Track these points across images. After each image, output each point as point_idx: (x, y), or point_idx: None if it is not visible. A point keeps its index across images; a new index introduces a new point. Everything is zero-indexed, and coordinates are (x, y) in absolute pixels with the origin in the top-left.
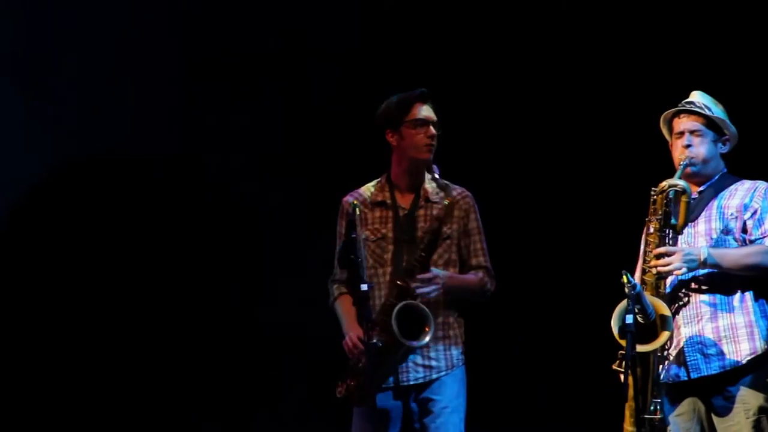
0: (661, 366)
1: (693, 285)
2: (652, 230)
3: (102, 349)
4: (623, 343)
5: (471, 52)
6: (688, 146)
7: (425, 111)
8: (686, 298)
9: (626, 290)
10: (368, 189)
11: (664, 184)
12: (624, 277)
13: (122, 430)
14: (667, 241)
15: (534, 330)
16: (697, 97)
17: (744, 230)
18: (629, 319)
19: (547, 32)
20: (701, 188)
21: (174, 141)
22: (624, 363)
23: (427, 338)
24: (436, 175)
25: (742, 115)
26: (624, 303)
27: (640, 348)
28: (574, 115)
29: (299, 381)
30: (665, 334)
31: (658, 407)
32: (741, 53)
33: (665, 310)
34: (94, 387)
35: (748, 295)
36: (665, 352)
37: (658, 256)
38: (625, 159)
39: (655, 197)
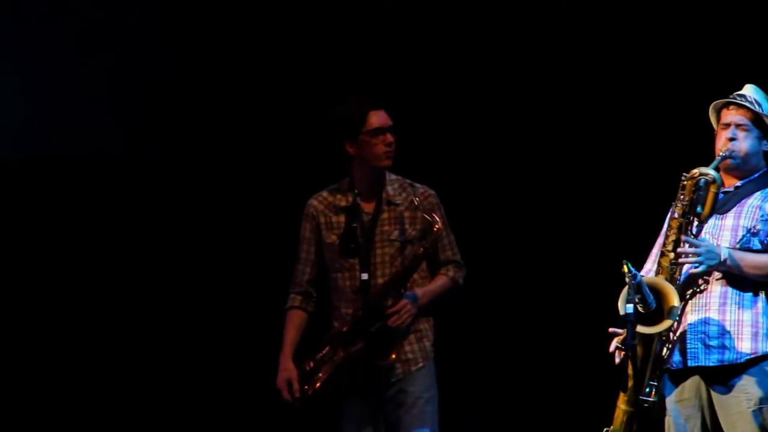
0: (665, 349)
1: (708, 274)
2: (676, 215)
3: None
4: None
5: (464, 50)
6: (731, 139)
7: (381, 118)
8: (700, 286)
9: (627, 280)
10: (331, 193)
11: (696, 171)
12: (625, 266)
13: None
14: (689, 228)
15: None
16: (749, 90)
17: None
18: (629, 308)
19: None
20: (739, 183)
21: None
22: (624, 351)
23: (394, 357)
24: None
25: None
26: (626, 290)
27: (641, 329)
28: (570, 111)
29: None
30: (667, 323)
31: (654, 390)
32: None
33: (675, 301)
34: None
35: (762, 294)
36: (672, 336)
37: (678, 243)
38: (625, 154)
39: (684, 182)
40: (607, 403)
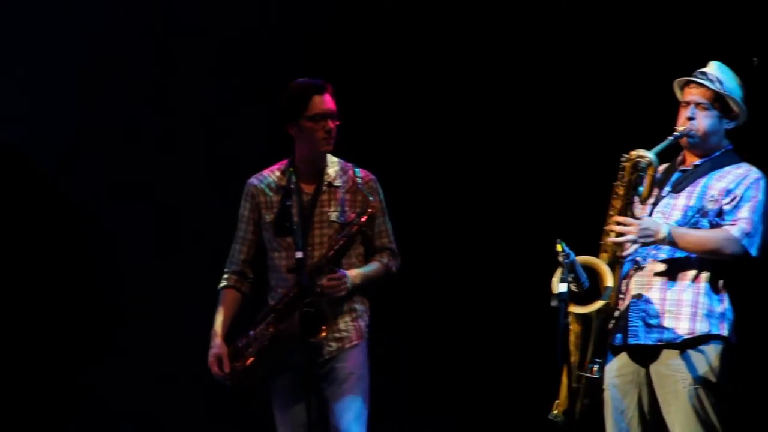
0: (609, 326)
1: (653, 252)
2: (617, 195)
3: None
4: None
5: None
6: (690, 118)
7: (323, 104)
8: (644, 265)
9: (560, 259)
10: (273, 173)
11: (634, 153)
12: (558, 245)
13: None
14: (630, 208)
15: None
16: (712, 68)
17: (719, 215)
18: (562, 288)
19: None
20: (698, 162)
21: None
22: (559, 330)
23: (324, 335)
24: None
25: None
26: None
27: (575, 309)
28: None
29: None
30: (598, 304)
31: (596, 367)
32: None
33: (609, 281)
34: None
35: (704, 274)
36: (616, 313)
37: (617, 224)
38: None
39: (624, 164)
40: (555, 380)
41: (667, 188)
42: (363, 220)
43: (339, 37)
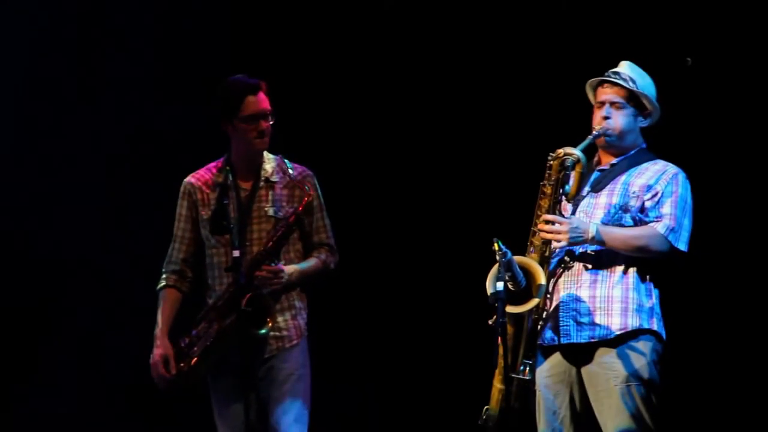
0: (539, 326)
1: (580, 251)
2: (544, 194)
3: None
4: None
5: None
6: (606, 118)
7: (257, 104)
8: (572, 263)
9: (497, 257)
10: (209, 170)
11: (561, 151)
12: (495, 244)
13: None
14: (558, 207)
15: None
16: (624, 68)
17: (642, 210)
18: (500, 286)
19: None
20: (615, 160)
21: None
22: (495, 327)
23: (270, 325)
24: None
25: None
26: (496, 268)
27: (510, 309)
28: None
29: None
30: (534, 302)
31: (528, 368)
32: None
33: (541, 279)
34: None
35: (632, 270)
36: (545, 314)
37: (546, 222)
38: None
39: (551, 162)
40: (486, 382)
41: (587, 188)
42: (300, 209)
43: (274, 32)
